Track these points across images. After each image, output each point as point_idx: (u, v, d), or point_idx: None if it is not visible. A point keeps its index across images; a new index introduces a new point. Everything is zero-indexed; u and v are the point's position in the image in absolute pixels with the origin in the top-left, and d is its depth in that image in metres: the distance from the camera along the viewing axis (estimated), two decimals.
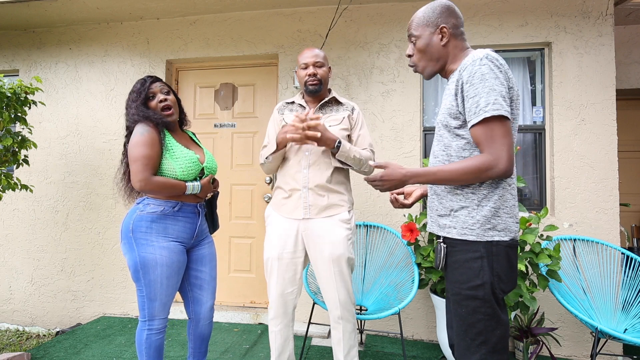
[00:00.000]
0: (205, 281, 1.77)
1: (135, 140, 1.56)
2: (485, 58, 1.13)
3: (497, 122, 1.11)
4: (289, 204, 1.79)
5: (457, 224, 1.20)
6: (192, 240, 1.71)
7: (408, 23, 1.39)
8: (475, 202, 1.18)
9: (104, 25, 3.25)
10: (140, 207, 1.62)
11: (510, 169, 1.11)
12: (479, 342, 1.16)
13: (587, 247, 2.43)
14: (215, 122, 3.19)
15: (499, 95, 1.10)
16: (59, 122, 3.26)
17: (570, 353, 2.56)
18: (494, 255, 1.15)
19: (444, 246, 1.24)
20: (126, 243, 1.59)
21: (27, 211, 3.27)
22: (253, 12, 3.03)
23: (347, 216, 1.77)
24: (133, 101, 1.65)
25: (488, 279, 1.14)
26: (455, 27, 1.27)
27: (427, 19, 1.29)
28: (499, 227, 1.16)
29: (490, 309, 1.15)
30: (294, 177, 1.78)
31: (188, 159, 1.64)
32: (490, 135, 1.11)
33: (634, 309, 2.25)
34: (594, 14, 2.63)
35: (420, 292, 2.71)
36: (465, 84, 1.15)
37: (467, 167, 1.13)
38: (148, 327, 1.61)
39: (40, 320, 3.24)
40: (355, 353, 1.80)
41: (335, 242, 1.71)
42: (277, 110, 1.94)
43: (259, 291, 3.08)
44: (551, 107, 2.67)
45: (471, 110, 1.14)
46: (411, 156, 2.78)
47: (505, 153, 1.10)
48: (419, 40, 1.30)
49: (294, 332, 1.88)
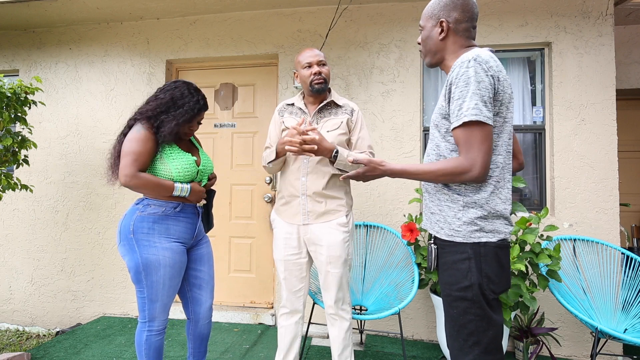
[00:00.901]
0: (205, 281, 1.77)
1: (131, 136, 1.57)
2: (474, 60, 1.12)
3: (477, 127, 1.11)
4: (289, 210, 1.84)
5: (445, 225, 1.21)
6: (192, 240, 1.71)
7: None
8: (462, 203, 1.18)
9: (104, 25, 3.25)
10: (140, 207, 1.60)
11: (483, 174, 1.12)
12: (472, 343, 1.16)
13: (587, 247, 2.43)
14: (215, 122, 3.19)
15: (480, 100, 1.10)
16: (59, 122, 3.26)
17: (570, 353, 2.56)
18: (482, 256, 1.15)
19: (434, 247, 1.25)
20: (126, 244, 1.57)
21: (27, 211, 3.27)
22: (253, 12, 3.03)
23: (345, 220, 1.80)
24: (191, 117, 1.63)
25: (476, 280, 1.14)
26: (458, 21, 1.24)
27: (432, 10, 1.29)
28: (486, 229, 1.16)
29: (480, 310, 1.15)
30: (292, 185, 1.82)
31: (185, 161, 1.63)
32: (468, 139, 1.12)
33: (634, 309, 2.25)
34: (594, 14, 2.63)
35: (420, 292, 2.71)
36: (452, 85, 1.15)
37: (443, 169, 1.15)
38: (148, 328, 1.60)
39: (40, 320, 3.24)
40: (350, 353, 1.85)
41: (332, 246, 1.76)
42: (278, 111, 1.95)
43: (259, 291, 3.08)
44: (551, 107, 2.67)
45: (454, 113, 1.14)
46: (411, 156, 2.78)
47: (480, 159, 1.11)
48: (423, 31, 1.33)
49: (301, 333, 1.92)
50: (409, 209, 2.76)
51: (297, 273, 1.83)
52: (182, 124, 1.62)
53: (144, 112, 1.62)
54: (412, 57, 2.82)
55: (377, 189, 2.81)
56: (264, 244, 3.07)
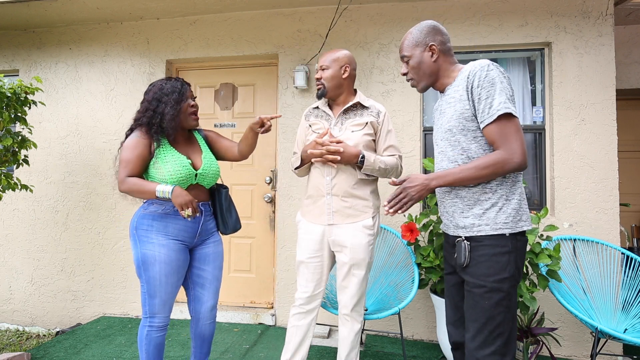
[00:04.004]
0: (207, 280, 1.77)
1: (125, 144, 1.65)
2: (492, 64, 1.26)
3: (509, 120, 1.22)
4: (314, 210, 1.83)
5: (490, 221, 1.26)
6: (194, 239, 1.72)
7: (399, 47, 1.52)
8: (505, 197, 1.26)
9: (104, 25, 3.25)
10: (145, 205, 1.68)
11: (525, 161, 1.21)
12: (496, 335, 1.22)
13: (587, 247, 2.43)
14: (215, 122, 3.19)
15: (507, 96, 1.23)
16: (59, 122, 3.26)
17: (570, 353, 2.56)
18: (518, 249, 1.25)
19: (467, 243, 1.28)
20: (131, 239, 1.66)
21: (27, 211, 3.27)
22: (253, 12, 3.03)
23: (370, 222, 1.79)
24: (176, 102, 1.66)
25: (513, 272, 1.23)
26: (443, 43, 1.39)
27: (417, 39, 1.40)
28: (524, 217, 1.27)
29: (510, 302, 1.23)
30: (319, 185, 1.80)
31: (178, 163, 1.64)
32: (503, 132, 1.22)
33: (634, 309, 2.25)
34: (594, 14, 2.63)
35: (420, 292, 2.71)
36: (477, 87, 1.25)
37: (486, 163, 1.23)
38: (149, 324, 1.63)
39: (40, 320, 3.24)
40: (356, 354, 1.86)
41: (356, 248, 1.75)
42: (304, 116, 1.96)
43: (259, 291, 3.08)
44: (551, 107, 2.67)
45: (484, 112, 1.24)
46: (411, 156, 2.78)
47: (518, 147, 1.21)
48: (411, 60, 1.42)
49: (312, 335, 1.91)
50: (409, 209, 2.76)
51: (318, 276, 1.82)
52: (176, 106, 1.66)
53: (137, 120, 1.69)
54: None
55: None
56: (264, 244, 3.08)
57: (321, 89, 1.82)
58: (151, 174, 1.65)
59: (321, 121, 1.85)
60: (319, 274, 1.82)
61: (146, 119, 1.64)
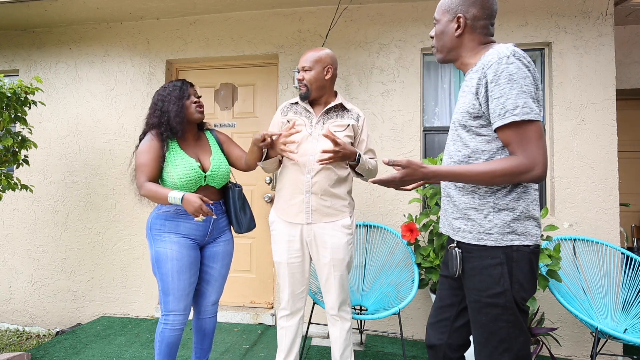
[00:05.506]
0: (213, 277, 1.82)
1: (138, 149, 1.69)
2: (513, 56, 1.06)
3: (530, 124, 1.05)
4: (291, 209, 1.79)
5: (473, 228, 1.15)
6: (205, 237, 1.76)
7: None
8: (492, 204, 1.13)
9: (104, 25, 3.25)
10: (158, 206, 1.73)
11: (545, 172, 1.07)
12: (502, 350, 1.11)
13: (587, 247, 2.43)
14: (215, 122, 3.18)
15: (529, 97, 1.05)
16: (59, 122, 3.26)
17: (570, 353, 2.56)
18: (515, 261, 1.10)
19: (459, 251, 1.18)
20: (147, 239, 1.72)
21: (27, 211, 3.27)
22: (253, 12, 3.03)
23: (349, 222, 1.79)
24: (178, 98, 1.72)
25: (509, 286, 1.10)
26: (476, 18, 1.18)
27: (450, 4, 1.22)
28: (518, 231, 1.11)
29: (512, 317, 1.10)
30: (297, 182, 1.76)
31: (187, 167, 1.67)
32: (523, 137, 1.06)
33: (634, 309, 2.25)
34: (594, 14, 2.63)
35: (420, 292, 2.71)
36: (490, 83, 1.08)
37: (501, 169, 1.07)
38: (164, 322, 1.67)
39: (40, 320, 3.24)
40: (350, 352, 1.86)
41: (336, 248, 1.75)
42: (281, 110, 1.90)
43: (258, 291, 3.08)
44: (551, 107, 2.67)
45: (495, 112, 1.08)
46: (411, 156, 2.78)
47: (541, 157, 1.05)
48: (437, 25, 1.26)
49: (301, 332, 1.93)
50: (409, 209, 2.76)
51: (300, 276, 1.81)
52: (178, 102, 1.71)
53: (148, 124, 1.75)
54: (412, 57, 2.82)
55: (377, 189, 2.81)
56: (264, 244, 3.07)
57: (305, 91, 1.79)
58: (163, 178, 1.70)
59: (301, 118, 1.81)
60: (301, 273, 1.82)
61: (156, 119, 1.70)
